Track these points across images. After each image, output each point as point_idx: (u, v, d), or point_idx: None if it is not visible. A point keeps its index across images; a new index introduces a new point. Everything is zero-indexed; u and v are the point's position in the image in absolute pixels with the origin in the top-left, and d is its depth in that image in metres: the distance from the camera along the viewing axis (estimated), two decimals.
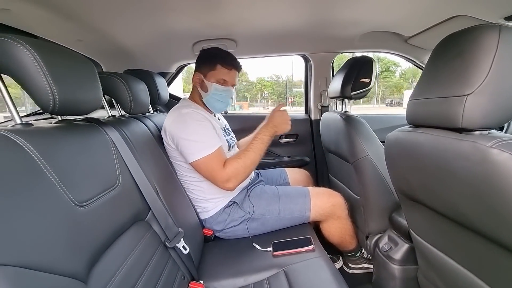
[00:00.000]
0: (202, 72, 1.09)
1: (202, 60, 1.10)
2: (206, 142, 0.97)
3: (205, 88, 1.10)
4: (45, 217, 0.43)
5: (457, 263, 0.69)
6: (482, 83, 0.50)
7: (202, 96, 1.11)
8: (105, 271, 0.55)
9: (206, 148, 0.95)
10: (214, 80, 1.08)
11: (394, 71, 23.26)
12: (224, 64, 1.08)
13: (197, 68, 1.12)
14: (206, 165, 0.96)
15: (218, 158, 0.97)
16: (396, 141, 0.73)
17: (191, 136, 0.96)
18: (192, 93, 1.16)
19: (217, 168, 0.95)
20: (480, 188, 0.49)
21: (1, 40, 0.46)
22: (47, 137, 0.53)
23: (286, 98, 27.05)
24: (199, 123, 0.99)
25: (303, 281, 0.82)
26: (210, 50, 1.12)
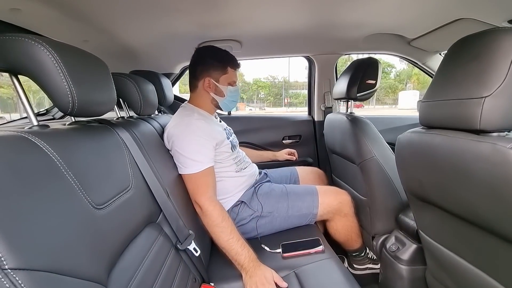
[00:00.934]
0: (213, 77, 1.07)
1: (210, 64, 1.07)
2: (197, 161, 0.96)
3: (220, 93, 1.09)
4: (68, 220, 0.42)
5: (469, 263, 0.70)
6: (501, 85, 0.50)
7: (218, 100, 1.11)
8: (123, 274, 0.54)
9: (195, 166, 0.95)
10: (227, 83, 1.09)
11: (389, 72, 23.51)
12: (233, 66, 1.10)
13: (204, 73, 1.07)
14: (191, 182, 0.96)
15: (204, 179, 0.96)
16: (409, 142, 0.74)
17: (185, 151, 0.96)
18: (195, 98, 1.12)
19: (200, 189, 0.95)
20: (500, 190, 0.50)
21: (21, 40, 0.45)
22: (64, 139, 0.52)
23: (282, 99, 27.11)
24: (196, 138, 0.98)
25: (315, 283, 0.82)
26: (216, 53, 1.09)
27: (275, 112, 20.00)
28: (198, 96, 1.11)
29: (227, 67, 1.08)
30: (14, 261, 0.31)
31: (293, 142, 1.85)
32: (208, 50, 1.11)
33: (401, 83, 23.76)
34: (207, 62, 1.07)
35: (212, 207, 0.93)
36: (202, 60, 1.08)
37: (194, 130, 0.99)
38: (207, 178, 0.97)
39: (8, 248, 0.31)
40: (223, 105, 1.12)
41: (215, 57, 1.08)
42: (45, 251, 0.36)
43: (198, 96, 1.11)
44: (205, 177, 0.97)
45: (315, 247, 0.98)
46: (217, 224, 0.91)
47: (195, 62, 1.10)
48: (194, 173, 0.95)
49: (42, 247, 0.36)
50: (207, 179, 0.97)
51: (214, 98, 1.10)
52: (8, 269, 0.31)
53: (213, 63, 1.07)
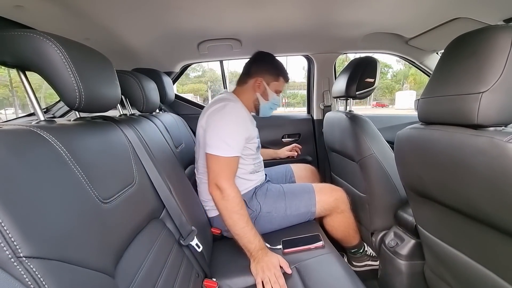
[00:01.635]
0: (265, 79, 1.13)
1: (267, 68, 1.14)
2: (230, 145, 0.97)
3: (265, 96, 1.15)
4: (77, 213, 0.43)
5: (467, 257, 0.71)
6: (497, 81, 0.52)
7: (260, 102, 1.15)
8: (129, 268, 0.55)
9: (225, 150, 0.96)
10: (274, 90, 1.16)
11: (386, 72, 23.60)
12: (284, 78, 1.18)
13: (258, 73, 1.13)
14: (218, 163, 0.96)
15: (230, 166, 0.98)
16: (408, 139, 0.75)
17: (221, 133, 0.98)
18: (240, 92, 1.16)
19: (226, 173, 0.96)
20: (498, 182, 0.51)
21: (31, 36, 0.46)
22: (70, 133, 0.53)
23: (280, 99, 27.13)
24: (236, 125, 1.01)
25: (316, 277, 0.83)
26: (275, 61, 1.17)
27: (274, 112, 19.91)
28: (244, 92, 1.16)
29: (280, 77, 1.16)
30: (28, 250, 0.32)
31: (292, 140, 1.87)
32: (269, 55, 1.19)
33: (398, 84, 23.87)
34: (266, 64, 1.15)
35: (234, 193, 0.94)
36: (261, 61, 1.16)
37: (236, 117, 1.03)
38: (234, 164, 0.99)
39: (22, 236, 0.32)
40: (262, 108, 1.17)
41: (273, 64, 1.16)
42: (56, 241, 0.37)
43: (244, 92, 1.15)
44: (233, 163, 0.99)
45: (315, 242, 0.99)
46: (237, 210, 0.93)
47: (254, 61, 1.17)
48: (223, 156, 0.96)
49: (53, 236, 0.36)
50: (234, 166, 0.99)
51: (258, 99, 1.15)
52: (23, 257, 0.31)
53: (270, 68, 1.14)
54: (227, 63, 1.86)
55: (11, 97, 17.86)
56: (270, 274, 0.83)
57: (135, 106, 0.92)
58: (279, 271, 0.84)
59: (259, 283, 0.83)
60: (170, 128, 1.20)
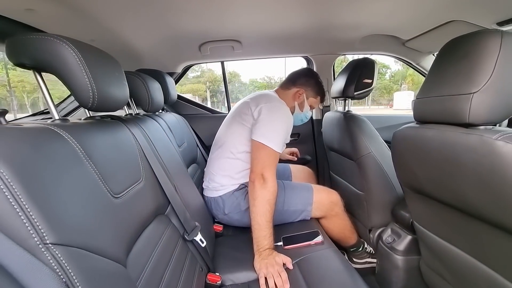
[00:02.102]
0: (307, 93, 1.24)
1: (311, 83, 1.25)
2: (278, 139, 1.04)
3: (301, 107, 1.26)
4: (92, 205, 0.46)
5: (461, 250, 0.75)
6: (487, 82, 0.55)
7: (296, 110, 1.26)
8: (138, 260, 0.58)
9: (276, 144, 1.02)
10: (310, 105, 1.27)
11: (384, 73, 23.68)
12: (322, 98, 1.30)
13: (302, 85, 1.23)
14: (266, 153, 1.02)
15: (276, 159, 1.04)
16: (404, 137, 0.79)
17: (275, 125, 1.06)
18: (281, 95, 1.22)
19: (272, 165, 1.02)
20: (488, 178, 0.54)
21: (47, 39, 0.48)
22: (83, 131, 0.55)
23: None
24: (286, 123, 1.10)
25: (316, 272, 0.86)
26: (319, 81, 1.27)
27: None
28: (284, 97, 1.22)
29: (319, 96, 1.28)
30: (53, 237, 0.35)
31: (292, 140, 1.89)
32: (317, 75, 1.30)
33: (396, 84, 23.97)
34: (312, 81, 1.25)
35: (275, 186, 1.00)
36: (308, 77, 1.26)
37: (288, 117, 1.12)
38: (277, 158, 1.05)
39: (48, 225, 0.35)
40: (295, 117, 1.26)
41: (317, 83, 1.27)
42: (76, 230, 0.39)
43: (285, 96, 1.23)
44: (277, 157, 1.05)
45: (314, 238, 1.02)
46: (271, 203, 0.98)
47: (302, 74, 1.27)
48: (272, 148, 1.02)
49: (74, 226, 0.39)
50: (277, 160, 1.05)
51: (294, 107, 1.25)
52: (49, 244, 0.34)
53: (313, 84, 1.25)
54: (226, 64, 1.88)
55: (8, 97, 17.35)
56: (273, 271, 0.85)
57: (140, 106, 0.95)
58: (282, 268, 0.87)
59: (262, 278, 0.85)
60: (173, 127, 1.23)
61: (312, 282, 0.82)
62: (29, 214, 0.34)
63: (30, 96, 18.51)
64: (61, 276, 0.34)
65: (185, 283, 0.72)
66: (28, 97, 18.26)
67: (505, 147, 0.50)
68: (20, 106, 17.75)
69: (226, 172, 1.15)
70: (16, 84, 17.21)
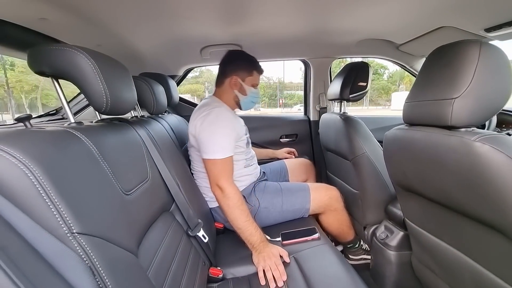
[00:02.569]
0: (240, 76, 1.20)
1: (239, 65, 1.21)
2: (223, 147, 1.05)
3: (243, 91, 1.22)
4: (108, 200, 0.51)
5: (448, 244, 0.80)
6: (467, 88, 0.60)
7: (240, 98, 1.22)
8: (148, 252, 0.63)
9: (220, 151, 1.04)
10: (250, 84, 1.22)
11: (382, 74, 23.82)
12: (258, 70, 1.24)
13: (232, 72, 1.20)
14: (216, 166, 1.05)
15: (226, 166, 1.06)
16: (395, 138, 0.84)
17: (213, 138, 1.05)
18: (220, 93, 1.23)
19: (224, 174, 1.04)
20: (467, 176, 0.60)
21: (65, 49, 0.53)
22: (96, 133, 0.60)
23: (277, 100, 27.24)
24: (225, 128, 1.09)
25: (313, 265, 0.91)
26: (245, 56, 1.23)
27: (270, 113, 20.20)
28: (223, 92, 1.23)
29: (253, 70, 1.22)
30: (79, 227, 0.40)
31: (290, 140, 1.95)
32: (239, 53, 1.26)
33: (394, 84, 24.12)
34: (237, 62, 1.21)
35: (235, 191, 1.03)
36: (232, 60, 1.22)
37: (223, 120, 1.10)
38: (230, 164, 1.07)
39: (74, 216, 0.40)
40: (243, 103, 1.24)
41: (244, 60, 1.22)
42: (96, 222, 0.44)
43: (223, 92, 1.23)
44: (229, 163, 1.07)
45: (311, 235, 1.07)
46: (238, 206, 1.01)
47: (226, 61, 1.23)
48: (219, 159, 1.04)
49: (94, 218, 0.44)
50: (230, 165, 1.07)
51: (237, 96, 1.22)
52: (75, 233, 0.39)
53: (241, 64, 1.21)
54: None
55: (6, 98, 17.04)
56: (271, 263, 0.90)
57: (145, 108, 0.99)
58: (279, 260, 0.92)
59: (261, 271, 0.90)
60: (175, 128, 1.28)
61: (309, 275, 0.86)
62: (58, 207, 0.38)
63: (28, 97, 18.18)
64: (86, 261, 0.39)
65: (190, 275, 0.77)
66: (26, 97, 17.93)
67: (482, 148, 0.55)
68: (17, 106, 17.37)
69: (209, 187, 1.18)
70: (14, 84, 16.89)
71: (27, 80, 15.03)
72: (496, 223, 0.59)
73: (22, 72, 14.31)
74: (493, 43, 0.63)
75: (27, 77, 14.75)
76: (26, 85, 15.33)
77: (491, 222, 0.60)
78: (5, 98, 17.05)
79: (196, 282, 0.79)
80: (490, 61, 0.60)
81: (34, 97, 16.75)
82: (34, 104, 15.96)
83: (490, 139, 0.56)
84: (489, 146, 0.55)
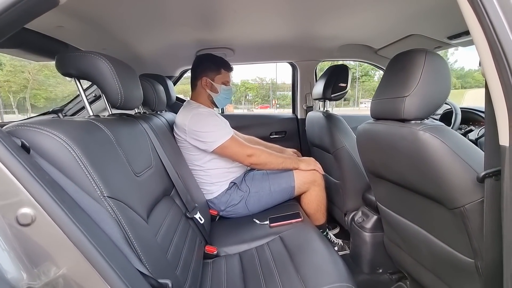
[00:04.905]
0: (209, 76, 1.33)
1: (207, 67, 1.33)
2: (225, 130, 1.21)
3: (214, 90, 1.35)
4: (125, 177, 0.63)
5: (408, 221, 0.94)
6: (415, 88, 0.75)
7: (213, 96, 1.35)
8: (155, 222, 0.75)
9: (226, 134, 1.20)
10: (220, 82, 1.35)
11: (373, 75, 24.29)
12: (226, 68, 1.37)
13: (202, 74, 1.33)
14: (230, 146, 1.20)
15: (237, 140, 1.23)
16: (364, 131, 0.98)
17: (212, 128, 1.20)
18: (196, 96, 1.37)
19: (241, 145, 1.22)
20: (414, 159, 0.74)
21: (89, 55, 0.65)
22: (111, 124, 0.72)
23: (270, 101, 27.46)
24: (214, 118, 1.23)
25: (296, 242, 1.04)
26: (211, 58, 1.35)
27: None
28: (197, 94, 1.36)
29: (221, 69, 1.35)
30: (107, 192, 0.52)
31: (279, 137, 2.09)
32: (206, 56, 1.38)
33: None
34: (205, 64, 1.34)
35: (258, 149, 1.25)
36: (201, 63, 1.35)
37: (207, 115, 1.23)
38: (237, 139, 1.24)
39: (104, 184, 0.52)
40: (217, 100, 1.37)
41: (211, 61, 1.35)
42: (119, 191, 0.57)
43: (198, 93, 1.36)
44: (236, 139, 1.24)
45: (295, 218, 1.20)
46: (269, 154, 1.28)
47: (196, 65, 1.36)
48: (227, 140, 1.19)
49: (117, 188, 0.56)
50: (239, 139, 1.25)
51: (210, 94, 1.35)
52: (106, 196, 0.51)
53: (209, 65, 1.34)
54: None
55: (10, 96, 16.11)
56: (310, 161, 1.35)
57: (148, 105, 1.11)
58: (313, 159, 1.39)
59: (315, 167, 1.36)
60: (172, 125, 1.40)
61: (293, 250, 1.00)
62: (93, 176, 0.51)
63: (16, 97, 17.45)
64: (114, 218, 0.51)
65: (188, 249, 0.89)
66: (14, 97, 17.27)
67: (424, 135, 0.70)
68: (4, 106, 16.67)
69: (208, 180, 1.31)
70: (1, 84, 16.25)
71: (15, 80, 14.67)
72: (437, 196, 0.73)
73: (11, 71, 13.98)
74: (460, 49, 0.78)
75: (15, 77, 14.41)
76: (14, 84, 14.97)
77: (434, 196, 0.75)
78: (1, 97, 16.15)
79: (194, 255, 0.91)
80: (433, 67, 0.75)
81: (22, 97, 16.37)
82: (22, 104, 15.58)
83: (431, 128, 0.70)
84: (429, 134, 0.69)
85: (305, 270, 0.85)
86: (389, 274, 1.24)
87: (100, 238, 0.45)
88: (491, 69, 0.49)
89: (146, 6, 0.96)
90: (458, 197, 0.67)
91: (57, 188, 0.44)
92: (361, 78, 23.78)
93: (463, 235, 0.71)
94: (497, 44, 0.47)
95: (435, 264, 0.88)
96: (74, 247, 0.40)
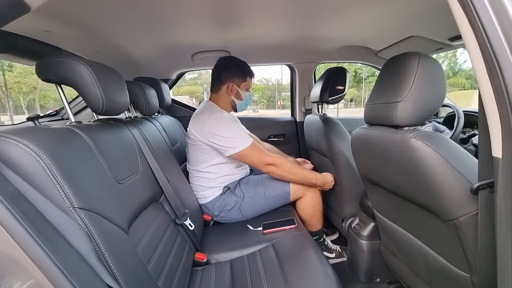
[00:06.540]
0: (236, 83, 1.32)
1: (234, 73, 1.32)
2: (245, 136, 1.21)
3: (239, 97, 1.36)
4: (103, 186, 0.61)
5: (404, 230, 0.91)
6: (408, 93, 0.71)
7: (236, 102, 1.36)
8: (137, 231, 0.73)
9: (246, 141, 1.19)
10: (245, 89, 1.36)
11: (375, 75, 23.98)
12: (251, 75, 1.39)
13: (228, 79, 1.31)
14: (252, 153, 1.20)
15: (258, 147, 1.22)
16: (358, 136, 0.95)
17: (232, 135, 1.19)
18: (217, 98, 1.35)
19: (261, 153, 1.22)
20: (407, 166, 0.71)
21: (68, 61, 0.64)
22: (93, 131, 0.71)
23: (276, 102, 27.42)
24: (236, 125, 1.26)
25: (288, 250, 1.01)
26: (239, 63, 1.34)
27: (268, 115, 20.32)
28: (220, 97, 1.35)
29: (247, 76, 1.35)
30: (78, 203, 0.50)
31: (277, 140, 2.06)
32: (232, 59, 1.37)
33: None
34: (232, 70, 1.32)
35: (279, 159, 1.25)
36: (228, 68, 1.32)
37: (230, 120, 1.24)
38: (258, 145, 1.23)
39: (74, 194, 0.50)
40: (239, 106, 1.39)
41: (238, 67, 1.34)
42: (92, 201, 0.55)
43: (220, 97, 1.35)
44: (257, 146, 1.23)
45: (289, 224, 1.18)
46: (291, 166, 1.26)
47: (222, 68, 1.33)
48: (249, 146, 1.19)
49: (91, 198, 0.55)
50: (259, 146, 1.24)
51: (233, 100, 1.36)
52: (76, 207, 0.50)
53: (236, 72, 1.32)
54: None
55: (3, 98, 16.93)
56: (331, 182, 1.36)
57: (138, 109, 1.10)
58: (331, 177, 1.37)
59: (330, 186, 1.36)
60: (167, 128, 1.39)
61: (284, 259, 0.97)
62: (63, 187, 0.49)
63: (26, 98, 17.89)
64: (85, 230, 0.49)
65: (175, 256, 0.87)
66: (24, 98, 17.65)
67: (416, 143, 0.67)
68: (15, 107, 17.20)
69: (205, 184, 1.30)
70: (12, 86, 16.62)
71: (26, 81, 14.99)
72: (430, 207, 0.70)
73: (21, 73, 14.28)
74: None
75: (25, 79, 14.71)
76: (24, 86, 15.29)
77: (427, 206, 0.71)
78: (2, 99, 16.83)
79: (181, 263, 0.89)
80: (427, 71, 0.71)
81: (32, 98, 16.72)
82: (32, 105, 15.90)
83: (423, 136, 0.67)
84: (421, 141, 0.66)
85: (293, 280, 0.83)
86: (387, 284, 1.20)
87: (64, 252, 0.43)
88: (483, 75, 0.46)
89: (139, 9, 0.94)
90: (451, 209, 0.64)
91: (20, 200, 0.43)
92: (367, 79, 23.57)
93: (458, 249, 0.67)
94: (488, 48, 0.44)
95: (430, 276, 0.85)
96: (33, 264, 0.38)
